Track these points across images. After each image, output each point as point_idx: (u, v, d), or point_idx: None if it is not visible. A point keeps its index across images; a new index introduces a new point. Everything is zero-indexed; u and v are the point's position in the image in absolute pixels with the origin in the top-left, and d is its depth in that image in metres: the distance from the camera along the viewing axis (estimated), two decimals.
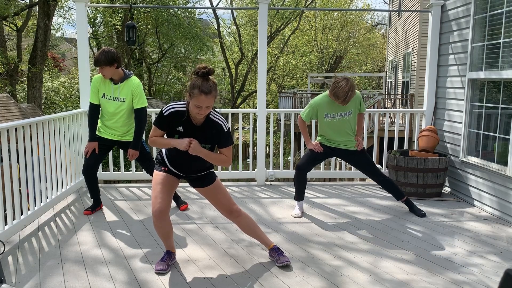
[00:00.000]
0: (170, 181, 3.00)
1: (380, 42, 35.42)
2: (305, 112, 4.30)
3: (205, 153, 2.83)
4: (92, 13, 23.06)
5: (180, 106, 2.82)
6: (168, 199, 2.94)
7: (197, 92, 2.64)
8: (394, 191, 4.39)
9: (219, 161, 2.92)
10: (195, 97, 2.65)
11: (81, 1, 5.04)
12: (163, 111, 2.82)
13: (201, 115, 2.73)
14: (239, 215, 3.10)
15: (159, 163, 3.05)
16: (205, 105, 2.67)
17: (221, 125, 2.85)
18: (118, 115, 4.08)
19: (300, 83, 32.67)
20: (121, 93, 4.04)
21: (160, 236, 3.06)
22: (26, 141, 3.79)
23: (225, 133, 2.86)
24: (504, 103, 4.34)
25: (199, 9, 28.15)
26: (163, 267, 3.03)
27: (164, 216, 2.92)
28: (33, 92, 15.40)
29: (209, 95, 2.65)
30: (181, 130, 2.84)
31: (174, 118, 2.82)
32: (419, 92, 14.97)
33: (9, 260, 3.19)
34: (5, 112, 12.27)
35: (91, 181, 4.25)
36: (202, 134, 2.85)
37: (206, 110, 2.71)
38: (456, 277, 3.01)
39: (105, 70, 3.91)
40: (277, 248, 3.21)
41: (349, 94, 3.95)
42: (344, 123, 4.22)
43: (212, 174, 3.09)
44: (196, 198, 4.89)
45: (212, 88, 2.66)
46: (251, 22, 26.92)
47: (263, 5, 5.29)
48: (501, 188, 4.29)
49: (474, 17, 4.71)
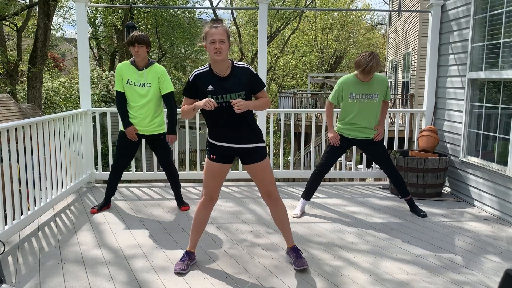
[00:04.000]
0: (220, 170, 3.03)
1: (380, 42, 35.41)
2: (332, 94, 4.29)
3: (252, 104, 2.85)
4: (92, 13, 23.06)
5: (203, 67, 2.92)
6: (218, 188, 3.06)
7: (207, 29, 2.80)
8: (402, 188, 4.39)
9: (264, 104, 2.96)
10: (207, 34, 2.78)
11: (81, 1, 5.04)
12: (189, 78, 2.90)
13: (218, 52, 2.76)
14: (277, 202, 3.07)
15: (208, 150, 3.05)
16: (217, 37, 2.75)
17: (248, 68, 2.91)
18: (144, 101, 4.10)
19: (300, 83, 32.68)
20: (147, 79, 4.09)
21: (194, 227, 3.10)
22: (26, 141, 3.79)
23: (255, 76, 2.92)
24: (504, 103, 4.33)
25: (199, 9, 28.15)
26: (182, 267, 3.02)
27: (211, 204, 3.06)
28: (33, 92, 15.40)
29: (219, 27, 2.77)
30: (211, 88, 2.85)
31: (200, 79, 2.86)
32: (419, 92, 14.97)
33: (9, 260, 3.19)
34: (5, 112, 12.27)
35: (116, 178, 4.36)
36: (232, 82, 2.85)
37: (221, 45, 2.76)
38: (456, 277, 3.01)
39: (142, 50, 4.01)
40: (296, 248, 3.19)
41: (371, 64, 3.89)
42: (369, 106, 4.16)
43: (264, 150, 3.05)
44: (197, 198, 4.88)
45: (221, 24, 2.80)
46: (251, 22, 26.93)
47: (263, 5, 5.28)
48: (501, 188, 4.29)
49: (474, 17, 4.71)
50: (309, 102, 18.85)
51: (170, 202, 4.73)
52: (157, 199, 4.86)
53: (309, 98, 19.28)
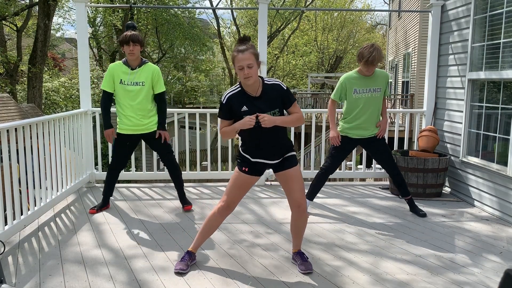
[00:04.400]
0: (248, 182, 3.02)
1: (380, 42, 35.39)
2: (334, 92, 4.32)
3: (280, 120, 2.82)
4: (92, 13, 23.06)
5: (234, 88, 2.89)
6: (238, 199, 3.05)
7: (234, 53, 2.74)
8: (403, 188, 4.39)
9: (295, 121, 2.90)
10: (234, 60, 2.74)
11: (81, 1, 5.04)
12: (222, 100, 2.88)
13: (248, 78, 2.73)
14: (303, 213, 3.02)
15: (240, 162, 3.03)
16: (245, 63, 2.71)
17: (278, 85, 2.87)
18: (137, 100, 4.10)
19: (300, 83, 32.67)
20: (140, 77, 4.09)
21: (203, 230, 3.10)
22: (26, 141, 3.79)
23: (286, 91, 2.87)
24: (504, 103, 4.33)
25: (199, 9, 28.15)
26: (182, 267, 3.02)
27: (226, 213, 3.04)
28: (33, 92, 15.40)
29: (246, 52, 2.72)
30: (246, 109, 2.83)
31: (233, 101, 2.84)
32: (419, 92, 14.97)
33: (9, 260, 3.19)
34: (5, 112, 12.27)
35: (113, 179, 4.36)
36: (265, 101, 2.84)
37: (250, 71, 2.72)
38: (457, 277, 3.01)
39: (136, 48, 4.01)
40: (302, 252, 3.18)
41: (374, 55, 3.93)
42: (372, 100, 4.19)
43: (295, 158, 3.04)
44: (197, 199, 4.88)
45: (247, 47, 2.74)
46: (251, 22, 26.92)
47: (263, 5, 5.28)
48: (501, 188, 4.29)
49: (474, 17, 4.71)
50: (309, 102, 18.86)
51: (170, 202, 4.73)
52: (157, 199, 4.86)
53: (309, 98, 19.29)
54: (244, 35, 2.85)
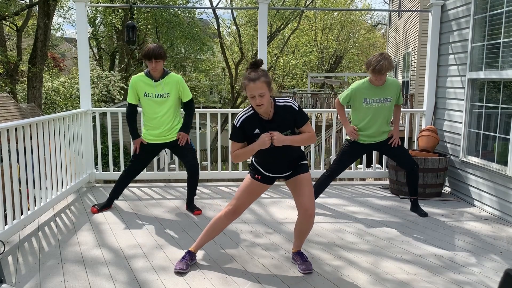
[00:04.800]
0: (258, 190, 3.05)
1: (380, 42, 35.41)
2: (344, 94, 4.30)
3: (289, 139, 2.81)
4: (92, 13, 23.06)
5: (247, 111, 2.84)
6: (247, 205, 3.06)
7: (246, 82, 2.69)
8: (413, 187, 4.38)
9: (306, 140, 2.88)
10: (246, 88, 2.69)
11: (81, 1, 5.03)
12: (235, 123, 2.84)
13: (259, 105, 2.71)
14: (311, 218, 2.99)
15: (252, 170, 3.05)
16: (256, 93, 2.66)
17: (290, 106, 2.83)
18: (163, 111, 4.10)
19: (300, 83, 32.68)
20: (165, 89, 4.08)
21: (207, 232, 3.10)
22: (26, 141, 3.79)
23: (298, 111, 2.84)
24: (504, 103, 4.33)
25: (199, 9, 28.15)
26: (182, 267, 3.02)
27: (232, 218, 3.04)
28: (33, 92, 15.40)
29: (257, 81, 2.66)
30: (259, 132, 2.82)
31: (247, 124, 2.82)
32: (419, 92, 14.97)
33: (9, 260, 3.19)
34: (5, 112, 12.27)
35: (125, 183, 4.37)
36: (278, 123, 2.82)
37: (261, 99, 2.68)
38: (457, 277, 3.01)
39: (159, 64, 3.99)
40: (301, 253, 3.19)
41: (382, 63, 3.91)
42: (382, 110, 4.19)
43: (307, 165, 3.04)
44: (197, 198, 4.88)
45: (259, 75, 2.67)
46: (251, 22, 26.91)
47: (263, 5, 5.28)
48: (501, 188, 4.29)
49: (474, 17, 4.71)
50: (309, 102, 18.85)
51: (170, 202, 4.73)
52: (157, 199, 4.86)
53: (309, 98, 19.28)
54: (255, 59, 2.76)
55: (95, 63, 22.01)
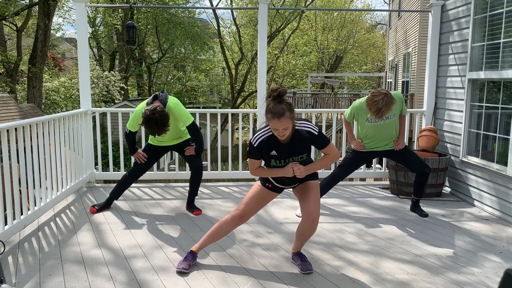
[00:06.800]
0: (267, 197, 3.08)
1: (380, 42, 35.40)
2: (348, 112, 4.37)
3: (312, 168, 2.87)
4: (92, 13, 23.06)
5: (265, 132, 2.82)
6: (254, 212, 3.07)
7: (270, 116, 2.64)
8: (419, 189, 4.36)
9: (328, 163, 2.93)
10: (270, 121, 2.67)
11: (81, 1, 5.04)
12: (252, 142, 2.83)
13: (282, 137, 2.72)
14: (314, 223, 2.98)
15: (263, 178, 3.07)
16: (281, 127, 2.65)
17: (310, 131, 2.81)
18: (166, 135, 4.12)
19: (300, 83, 32.68)
20: None
21: (211, 233, 3.10)
22: (26, 141, 3.79)
23: (317, 136, 2.82)
24: (504, 103, 4.33)
25: (199, 9, 28.15)
26: (185, 267, 3.02)
27: (239, 222, 3.05)
28: (33, 92, 15.40)
29: (282, 117, 2.60)
30: (275, 153, 2.83)
31: (264, 145, 2.83)
32: (419, 92, 14.97)
33: (9, 260, 3.19)
34: (5, 112, 12.27)
35: (126, 185, 4.38)
36: (295, 147, 2.83)
37: (284, 132, 2.68)
38: (457, 277, 3.01)
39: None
40: (301, 253, 3.19)
41: (383, 111, 3.86)
42: (386, 126, 4.22)
43: (316, 173, 3.05)
44: (197, 198, 4.87)
45: (284, 110, 2.61)
46: (251, 22, 26.91)
47: (263, 5, 5.28)
48: (501, 188, 4.29)
49: (474, 17, 4.71)
50: (309, 102, 18.85)
51: (170, 202, 4.73)
52: (157, 199, 4.86)
53: (309, 98, 19.28)
54: (279, 89, 2.62)
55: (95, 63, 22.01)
